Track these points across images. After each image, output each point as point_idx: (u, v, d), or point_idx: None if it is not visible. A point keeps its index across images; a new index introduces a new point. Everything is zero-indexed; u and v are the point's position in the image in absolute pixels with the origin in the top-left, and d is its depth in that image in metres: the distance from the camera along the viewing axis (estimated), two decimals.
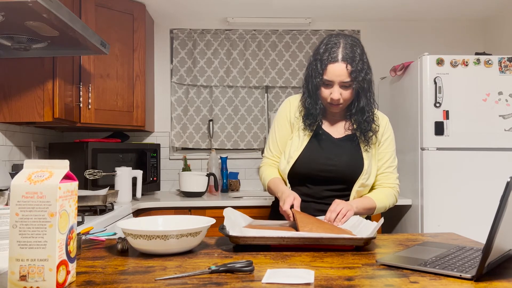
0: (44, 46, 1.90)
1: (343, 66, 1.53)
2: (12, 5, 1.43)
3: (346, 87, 1.57)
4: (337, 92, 1.56)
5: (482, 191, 2.55)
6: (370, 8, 3.13)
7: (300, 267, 1.05)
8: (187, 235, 1.15)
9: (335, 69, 1.54)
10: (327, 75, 1.56)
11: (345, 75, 1.54)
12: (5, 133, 2.37)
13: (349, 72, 1.54)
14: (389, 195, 1.67)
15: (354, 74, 1.54)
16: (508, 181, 0.88)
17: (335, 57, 1.54)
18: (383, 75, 3.33)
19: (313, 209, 1.63)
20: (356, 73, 1.54)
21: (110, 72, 2.74)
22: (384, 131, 1.70)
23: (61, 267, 0.88)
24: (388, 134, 1.71)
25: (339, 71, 1.54)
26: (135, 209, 2.49)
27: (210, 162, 3.18)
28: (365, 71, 1.57)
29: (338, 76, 1.54)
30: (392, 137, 1.73)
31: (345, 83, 1.55)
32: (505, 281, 0.93)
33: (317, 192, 1.66)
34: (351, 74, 1.54)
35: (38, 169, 0.91)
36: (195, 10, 3.15)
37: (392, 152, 1.71)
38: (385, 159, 1.69)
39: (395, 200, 1.70)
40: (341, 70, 1.54)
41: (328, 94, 1.59)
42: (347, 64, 1.53)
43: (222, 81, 3.33)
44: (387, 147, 1.70)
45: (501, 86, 2.56)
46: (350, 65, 1.54)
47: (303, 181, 1.67)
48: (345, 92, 1.57)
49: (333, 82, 1.56)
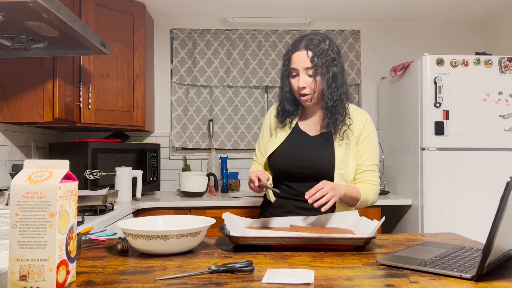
0: (44, 46, 1.90)
1: (304, 52, 1.63)
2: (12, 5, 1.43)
3: (310, 75, 1.64)
4: (302, 80, 1.64)
5: (482, 191, 2.55)
6: (370, 8, 3.13)
7: (300, 267, 1.05)
8: (187, 235, 1.15)
9: (297, 57, 1.64)
10: (292, 64, 1.66)
11: (307, 61, 1.62)
12: (5, 133, 2.37)
13: (310, 58, 1.62)
14: (371, 190, 1.67)
15: (315, 60, 1.62)
16: (508, 181, 0.88)
17: (298, 46, 1.66)
18: (383, 75, 3.33)
19: (292, 206, 1.68)
20: (318, 60, 1.62)
21: (110, 72, 2.74)
22: (364, 128, 1.71)
23: (61, 267, 0.88)
24: (369, 131, 1.71)
25: (300, 57, 1.63)
26: (135, 209, 2.49)
27: (210, 162, 3.18)
28: (331, 62, 1.64)
29: (300, 62, 1.63)
30: (373, 135, 1.72)
31: (308, 70, 1.63)
32: (505, 281, 0.93)
33: (296, 189, 1.69)
34: (312, 60, 1.62)
35: (38, 169, 0.91)
36: (195, 10, 3.16)
37: (373, 150, 1.71)
38: (366, 157, 1.69)
39: (376, 198, 1.69)
40: (302, 56, 1.63)
41: (296, 84, 1.66)
42: (308, 51, 1.63)
43: (222, 81, 3.33)
44: (367, 144, 1.70)
45: (501, 86, 2.56)
46: (312, 52, 1.62)
47: (282, 179, 1.73)
48: (310, 80, 1.64)
49: (298, 70, 1.64)
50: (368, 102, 3.41)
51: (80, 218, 1.78)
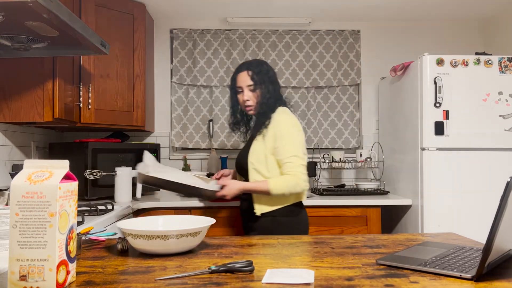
0: (44, 46, 1.90)
1: (245, 72, 2.04)
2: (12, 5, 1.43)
3: (252, 90, 2.03)
4: (246, 95, 2.04)
5: (482, 191, 2.55)
6: (370, 8, 3.13)
7: (300, 267, 1.05)
8: (187, 235, 1.15)
9: (241, 77, 2.05)
10: (237, 83, 2.07)
11: (248, 79, 2.03)
12: (5, 133, 2.37)
13: (251, 77, 2.02)
14: (287, 179, 1.90)
15: (255, 78, 2.01)
16: (508, 181, 0.88)
17: (241, 68, 2.07)
18: (383, 75, 3.33)
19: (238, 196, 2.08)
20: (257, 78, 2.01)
21: (110, 72, 2.74)
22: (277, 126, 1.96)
23: (61, 267, 0.88)
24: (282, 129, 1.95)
25: (243, 77, 2.04)
26: (135, 209, 2.49)
27: (210, 162, 3.19)
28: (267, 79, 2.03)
29: (243, 81, 2.04)
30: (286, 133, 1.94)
31: (250, 86, 2.03)
32: (505, 281, 0.93)
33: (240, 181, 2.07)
34: (253, 78, 2.02)
35: (38, 169, 0.91)
36: (195, 10, 3.16)
37: (288, 145, 1.93)
38: (281, 151, 1.93)
39: (296, 184, 1.90)
40: (244, 76, 2.04)
41: (242, 98, 2.06)
42: (249, 71, 2.03)
43: (222, 81, 3.33)
44: (282, 140, 1.93)
45: (501, 86, 2.56)
46: (251, 71, 2.02)
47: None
48: (252, 95, 2.04)
49: (242, 87, 2.05)
50: (368, 102, 3.41)
51: (80, 218, 1.78)
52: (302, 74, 3.35)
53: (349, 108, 3.39)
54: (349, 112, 3.39)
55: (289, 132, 1.95)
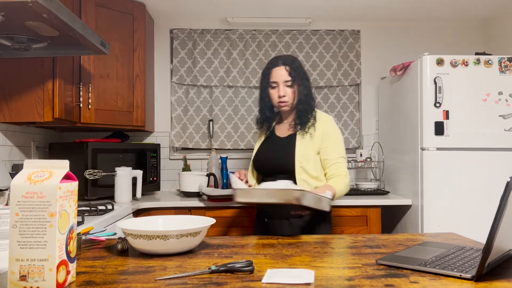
0: (44, 46, 1.90)
1: (283, 67, 1.97)
2: (12, 5, 1.43)
3: (288, 86, 1.97)
4: (282, 90, 1.96)
5: (482, 191, 2.55)
6: (370, 8, 3.13)
7: (300, 267, 1.05)
8: (187, 235, 1.15)
9: (277, 71, 1.98)
10: (272, 78, 1.98)
11: (286, 75, 1.96)
12: (5, 133, 2.37)
13: (289, 72, 1.96)
14: (341, 182, 1.90)
15: (293, 74, 1.96)
16: (508, 181, 0.88)
17: (276, 63, 1.99)
18: (383, 75, 3.33)
19: None
20: (294, 74, 1.96)
21: (110, 72, 2.74)
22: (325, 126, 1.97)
23: (61, 267, 0.88)
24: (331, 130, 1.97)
25: (279, 71, 1.97)
26: (135, 209, 2.49)
27: (210, 162, 3.18)
28: (303, 76, 2.00)
29: (280, 77, 1.97)
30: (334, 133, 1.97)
31: (287, 82, 1.96)
32: (505, 281, 0.93)
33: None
34: (290, 74, 1.96)
35: (38, 169, 0.91)
36: (195, 10, 3.16)
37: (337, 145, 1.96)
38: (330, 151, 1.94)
39: (348, 184, 1.93)
40: (281, 71, 1.97)
41: (276, 93, 1.98)
42: (286, 66, 1.97)
43: (222, 81, 3.33)
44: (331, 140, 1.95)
45: (501, 86, 2.56)
46: (289, 67, 1.97)
47: (262, 177, 2.06)
48: (289, 90, 1.97)
49: (277, 82, 1.97)
50: (368, 102, 3.41)
51: (80, 218, 1.78)
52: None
53: (349, 108, 3.39)
54: (349, 112, 3.39)
55: (337, 133, 1.99)
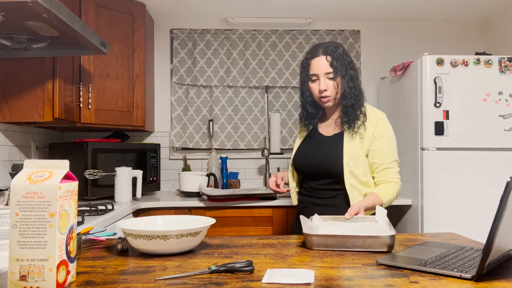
0: (44, 46, 1.90)
1: (323, 58, 1.72)
2: (12, 5, 1.43)
3: (330, 79, 1.73)
4: (323, 84, 1.73)
5: (482, 191, 2.55)
6: (370, 8, 3.13)
7: (300, 267, 1.05)
8: (187, 235, 1.15)
9: (317, 62, 1.73)
10: (312, 70, 1.75)
11: (327, 66, 1.72)
12: (5, 133, 2.37)
13: (330, 63, 1.71)
14: (392, 188, 1.74)
15: (335, 64, 1.71)
16: (508, 181, 0.88)
17: (316, 52, 1.75)
18: (383, 75, 3.33)
19: (308, 202, 1.83)
20: (337, 64, 1.72)
21: (110, 72, 2.74)
22: (377, 126, 1.77)
23: (61, 267, 0.88)
24: (383, 129, 1.77)
25: (320, 62, 1.73)
26: (135, 209, 2.49)
27: (210, 162, 3.18)
28: (347, 65, 1.75)
29: (321, 68, 1.72)
30: (388, 133, 1.78)
31: (329, 74, 1.72)
32: (505, 281, 0.93)
33: (311, 187, 1.82)
34: (332, 65, 1.71)
35: (38, 169, 0.91)
36: (195, 10, 3.16)
37: (390, 148, 1.77)
38: (382, 155, 1.75)
39: (398, 194, 1.76)
40: (322, 61, 1.73)
41: (317, 87, 1.75)
42: (327, 56, 1.72)
43: (222, 81, 3.33)
44: (382, 142, 1.75)
45: (501, 86, 2.56)
46: (330, 56, 1.72)
47: (302, 178, 1.87)
48: (330, 83, 1.73)
49: (318, 75, 1.74)
50: (368, 102, 3.35)
51: (80, 218, 1.78)
52: None
53: None
54: None
55: (390, 134, 1.78)
